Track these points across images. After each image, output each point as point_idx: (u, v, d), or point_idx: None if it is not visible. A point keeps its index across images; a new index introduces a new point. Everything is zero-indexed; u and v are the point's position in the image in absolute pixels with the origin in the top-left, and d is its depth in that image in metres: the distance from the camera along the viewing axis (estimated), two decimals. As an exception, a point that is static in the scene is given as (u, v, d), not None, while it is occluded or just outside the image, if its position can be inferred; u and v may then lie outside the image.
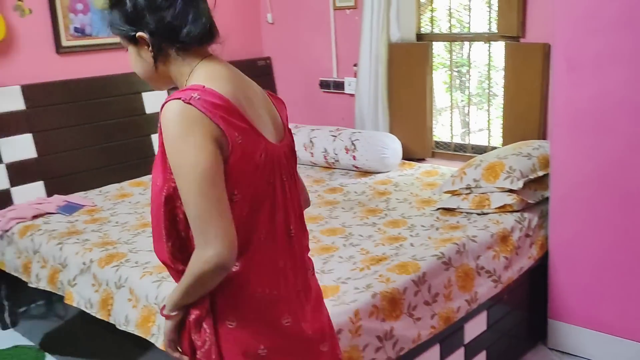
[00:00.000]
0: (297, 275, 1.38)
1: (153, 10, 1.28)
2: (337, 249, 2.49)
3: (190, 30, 1.29)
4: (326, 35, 4.09)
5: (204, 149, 1.17)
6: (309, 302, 1.41)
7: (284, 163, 1.34)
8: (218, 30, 1.36)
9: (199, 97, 1.20)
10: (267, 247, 1.30)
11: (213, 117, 1.19)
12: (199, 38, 1.31)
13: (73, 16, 3.50)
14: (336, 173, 3.63)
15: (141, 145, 3.76)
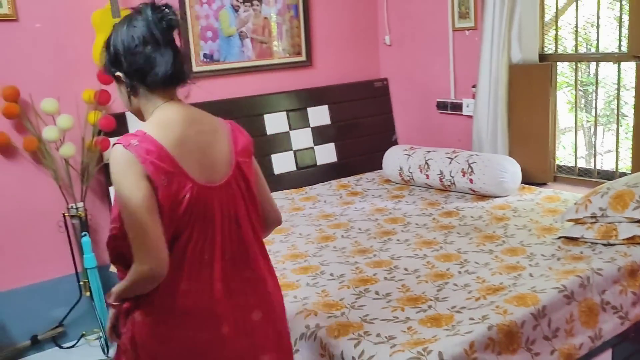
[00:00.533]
0: (232, 293, 1.59)
1: (128, 55, 1.54)
2: (452, 276, 2.45)
3: (156, 74, 1.54)
4: (444, 56, 4.06)
5: (136, 187, 1.45)
6: (247, 316, 1.62)
7: (220, 199, 1.56)
8: (187, 75, 1.62)
9: (136, 144, 1.47)
10: (193, 268, 1.54)
11: (143, 162, 1.46)
12: (162, 81, 1.55)
13: (203, 43, 3.74)
14: (452, 196, 3.57)
15: (261, 164, 3.86)
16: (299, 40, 4.14)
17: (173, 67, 1.55)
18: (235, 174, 1.61)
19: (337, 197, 3.74)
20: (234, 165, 1.62)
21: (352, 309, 2.22)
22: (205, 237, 1.55)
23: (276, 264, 2.69)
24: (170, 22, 1.55)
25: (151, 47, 1.53)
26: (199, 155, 1.55)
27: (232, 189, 1.60)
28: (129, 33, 1.55)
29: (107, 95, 3.27)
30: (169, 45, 1.55)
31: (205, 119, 1.64)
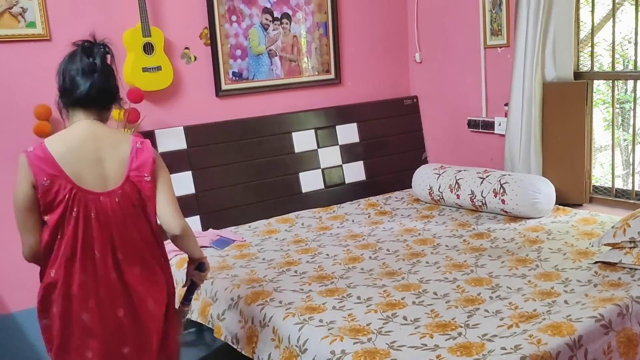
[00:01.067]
0: (98, 287, 1.88)
1: (61, 79, 1.91)
2: (483, 301, 2.37)
3: (74, 95, 1.88)
4: (475, 74, 4.00)
5: (21, 187, 1.82)
6: (111, 307, 1.90)
7: (104, 205, 1.86)
8: (105, 99, 1.93)
9: (31, 151, 1.83)
10: (67, 259, 1.85)
11: (30, 166, 1.81)
12: (78, 101, 1.88)
13: (232, 61, 3.75)
14: (483, 217, 3.49)
15: (289, 182, 3.90)
16: (328, 58, 4.12)
17: (89, 90, 1.87)
18: (125, 185, 1.90)
19: (365, 217, 3.69)
20: (125, 179, 1.90)
21: (379, 334, 2.16)
22: (81, 234, 1.85)
23: (302, 285, 2.66)
24: (93, 54, 1.90)
25: (78, 74, 1.87)
26: (92, 165, 1.87)
27: (120, 198, 1.89)
28: (67, 62, 1.91)
29: (137, 114, 3.29)
30: (93, 73, 1.88)
31: (109, 137, 1.92)
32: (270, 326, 2.38)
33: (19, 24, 3.09)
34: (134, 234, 1.92)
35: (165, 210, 1.97)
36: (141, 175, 1.92)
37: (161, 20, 3.46)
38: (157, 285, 2.00)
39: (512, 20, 3.67)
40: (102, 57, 1.92)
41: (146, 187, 1.93)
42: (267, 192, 3.81)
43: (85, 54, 1.90)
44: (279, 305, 2.47)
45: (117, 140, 1.94)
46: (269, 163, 3.83)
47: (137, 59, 3.30)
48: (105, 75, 1.91)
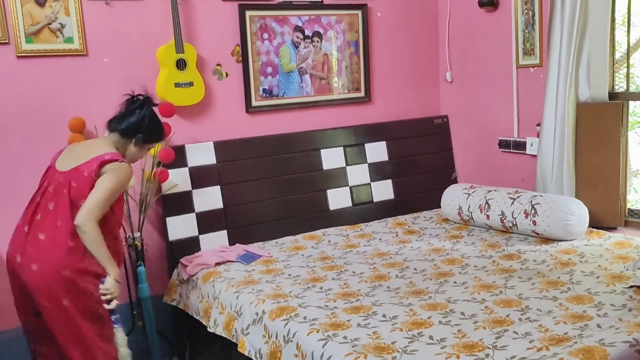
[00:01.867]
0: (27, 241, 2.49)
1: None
2: (512, 323, 2.31)
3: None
4: (507, 94, 3.95)
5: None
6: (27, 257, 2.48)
7: (56, 181, 2.51)
8: (121, 128, 2.64)
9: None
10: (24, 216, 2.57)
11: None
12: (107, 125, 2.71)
13: (263, 78, 3.78)
14: (514, 238, 3.42)
15: (317, 199, 3.89)
16: (358, 77, 4.13)
17: (116, 117, 2.68)
18: (72, 171, 2.49)
19: (393, 235, 3.65)
20: (72, 170, 2.49)
21: (404, 353, 2.12)
22: (36, 198, 2.54)
23: (327, 302, 2.63)
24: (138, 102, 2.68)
25: (122, 109, 2.68)
26: (72, 157, 2.54)
27: (64, 178, 2.49)
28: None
29: (168, 128, 3.32)
30: (128, 114, 2.65)
31: (98, 145, 2.58)
32: (294, 342, 2.36)
33: (57, 39, 3.18)
34: (57, 206, 2.47)
35: (83, 205, 2.42)
36: (83, 170, 2.46)
37: (194, 37, 3.52)
38: (46, 254, 2.43)
39: (545, 40, 3.63)
40: (135, 106, 2.66)
41: (79, 178, 2.46)
42: (295, 209, 3.81)
43: (133, 102, 2.68)
44: (303, 321, 2.45)
45: (100, 148, 2.53)
46: (297, 179, 3.83)
47: (170, 75, 3.36)
48: (135, 116, 2.62)
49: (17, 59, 3.10)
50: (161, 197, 3.41)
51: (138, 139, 2.64)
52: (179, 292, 3.30)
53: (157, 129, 2.72)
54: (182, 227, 3.45)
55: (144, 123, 2.63)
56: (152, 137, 2.70)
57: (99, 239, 2.43)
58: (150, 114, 2.66)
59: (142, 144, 2.67)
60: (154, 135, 2.71)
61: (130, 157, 2.68)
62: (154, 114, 2.70)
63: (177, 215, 3.45)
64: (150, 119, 2.66)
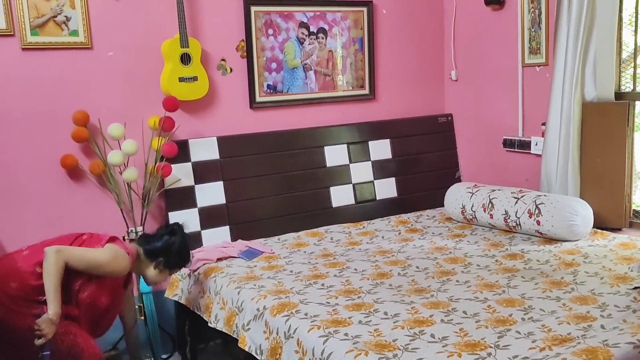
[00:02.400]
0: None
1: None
2: (515, 322, 2.30)
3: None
4: (512, 93, 3.94)
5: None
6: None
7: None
8: (139, 240, 2.82)
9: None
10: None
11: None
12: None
13: (267, 74, 3.77)
14: (517, 238, 3.40)
15: (320, 196, 3.88)
16: (362, 74, 4.11)
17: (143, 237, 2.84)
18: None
19: (395, 233, 3.64)
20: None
21: (406, 351, 2.11)
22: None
23: (328, 298, 2.62)
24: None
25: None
26: None
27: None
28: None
29: (172, 123, 3.32)
30: (157, 237, 2.79)
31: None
32: (294, 338, 2.35)
33: (62, 32, 3.17)
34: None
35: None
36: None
37: (199, 31, 3.51)
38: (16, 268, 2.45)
39: (551, 39, 3.61)
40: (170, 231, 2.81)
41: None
42: (298, 206, 3.80)
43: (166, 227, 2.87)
44: (304, 317, 2.44)
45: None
46: (301, 176, 3.82)
47: (174, 69, 3.35)
48: (162, 242, 2.75)
49: (22, 51, 3.09)
50: (164, 192, 3.41)
51: (159, 263, 2.72)
52: (180, 287, 3.29)
53: (181, 256, 2.78)
54: (185, 222, 3.43)
55: (168, 249, 2.72)
56: (174, 263, 2.76)
57: (55, 272, 2.37)
58: (179, 242, 2.75)
59: (163, 268, 2.74)
60: (176, 262, 2.78)
61: (149, 277, 2.75)
62: (184, 243, 2.78)
63: (180, 210, 3.44)
64: (178, 246, 2.74)
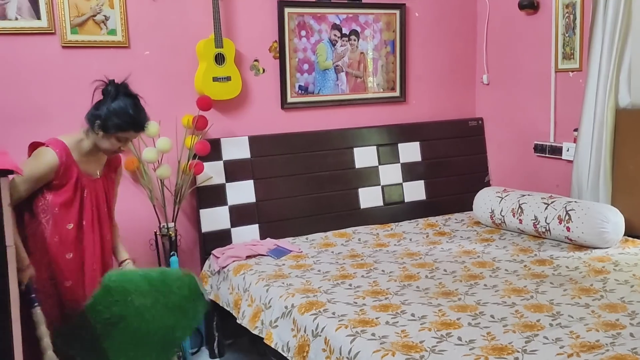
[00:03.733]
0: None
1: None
2: (543, 328, 2.30)
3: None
4: (545, 98, 3.91)
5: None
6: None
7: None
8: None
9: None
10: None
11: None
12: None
13: (299, 75, 3.81)
14: (546, 244, 3.39)
15: (348, 197, 3.91)
16: (393, 76, 4.13)
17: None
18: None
19: (423, 236, 3.64)
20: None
21: (432, 352, 2.12)
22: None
23: (356, 298, 2.64)
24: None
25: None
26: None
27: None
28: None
29: (205, 121, 3.38)
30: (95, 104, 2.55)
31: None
32: (322, 336, 2.38)
33: (101, 30, 3.26)
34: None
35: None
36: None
37: (233, 32, 3.57)
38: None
39: (585, 44, 3.58)
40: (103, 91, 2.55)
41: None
42: (326, 206, 3.83)
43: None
44: (332, 316, 2.47)
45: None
46: (330, 177, 3.86)
47: (209, 69, 3.41)
48: (96, 105, 2.52)
49: (62, 49, 3.19)
50: (196, 189, 3.47)
51: (98, 126, 2.46)
52: (210, 283, 3.35)
53: (115, 113, 2.45)
54: (215, 220, 3.50)
55: (100, 109, 2.46)
56: (110, 122, 2.44)
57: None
58: (110, 100, 2.46)
59: (104, 131, 2.46)
60: (111, 120, 2.44)
61: (100, 147, 2.51)
62: (120, 101, 2.47)
63: (211, 207, 3.50)
64: (110, 104, 2.46)
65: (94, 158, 2.57)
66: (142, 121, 2.54)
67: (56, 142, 2.46)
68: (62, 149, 2.45)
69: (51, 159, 2.42)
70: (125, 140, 2.53)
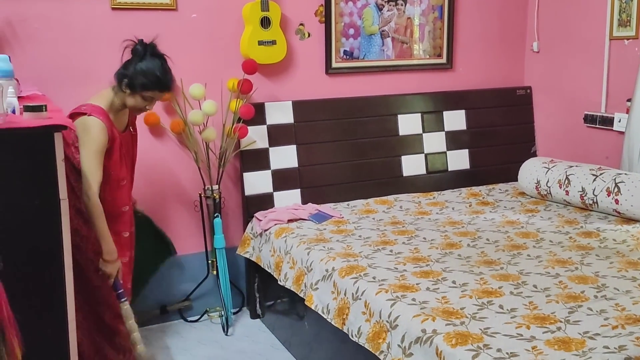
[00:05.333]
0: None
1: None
2: (587, 299, 2.27)
3: None
4: (597, 67, 3.78)
5: None
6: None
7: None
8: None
9: None
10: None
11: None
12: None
13: (344, 40, 3.77)
14: (593, 216, 3.31)
15: (391, 165, 3.88)
16: (440, 42, 4.05)
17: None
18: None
19: (466, 205, 3.61)
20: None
21: (473, 319, 2.12)
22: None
23: (397, 264, 2.65)
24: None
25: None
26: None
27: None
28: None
29: (250, 85, 3.40)
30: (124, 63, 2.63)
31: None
32: (362, 300, 2.40)
33: (149, -7, 3.28)
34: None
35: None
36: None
37: (279, -5, 3.55)
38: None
39: (644, 11, 3.43)
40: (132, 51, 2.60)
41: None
42: (368, 173, 3.82)
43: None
44: (372, 280, 2.48)
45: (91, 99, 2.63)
46: (373, 144, 3.84)
47: (254, 32, 3.40)
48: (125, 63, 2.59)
49: (112, 11, 3.23)
50: (239, 153, 3.50)
51: (125, 86, 2.52)
52: (252, 245, 3.41)
53: (143, 73, 2.51)
54: (258, 183, 3.54)
55: (129, 68, 2.53)
56: (138, 82, 2.51)
57: (94, 213, 2.43)
58: (138, 60, 2.54)
59: (131, 90, 2.52)
60: (140, 80, 2.51)
61: (128, 106, 2.59)
62: (147, 61, 2.54)
63: (254, 171, 3.54)
64: (139, 63, 2.53)
65: (122, 114, 2.66)
66: (168, 82, 2.60)
67: (95, 109, 2.50)
68: (103, 114, 2.51)
69: (101, 127, 2.47)
70: (150, 99, 2.59)
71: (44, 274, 1.84)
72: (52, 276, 1.84)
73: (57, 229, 1.83)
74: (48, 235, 1.83)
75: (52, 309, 1.86)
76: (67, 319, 1.87)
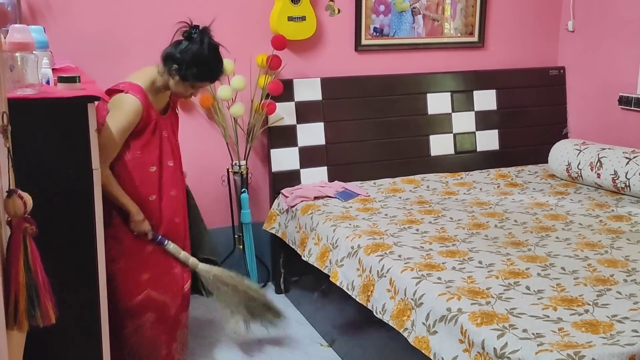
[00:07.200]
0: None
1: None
2: (616, 283, 2.24)
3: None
4: (634, 48, 3.68)
5: None
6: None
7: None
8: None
9: None
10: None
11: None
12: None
13: (375, 17, 3.73)
14: (625, 200, 3.26)
15: (419, 144, 3.86)
16: (472, 20, 3.98)
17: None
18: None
19: (494, 186, 3.58)
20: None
21: (499, 299, 2.12)
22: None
23: (423, 243, 2.65)
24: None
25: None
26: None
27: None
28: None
29: (279, 61, 3.39)
30: (175, 43, 2.51)
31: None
32: (387, 277, 2.41)
33: (179, -33, 3.27)
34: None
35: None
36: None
37: (310, -29, 3.51)
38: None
39: (686, -11, 3.33)
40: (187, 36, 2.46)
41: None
42: (396, 152, 3.80)
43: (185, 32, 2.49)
44: (397, 258, 2.49)
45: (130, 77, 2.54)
46: (401, 122, 3.81)
47: (284, 8, 3.39)
48: (177, 46, 2.45)
49: (143, -15, 3.23)
50: (267, 129, 3.51)
51: (172, 70, 2.42)
52: (278, 221, 3.43)
53: (197, 65, 2.40)
54: (285, 160, 3.55)
55: (181, 55, 2.39)
56: (190, 72, 2.41)
57: (108, 185, 2.34)
58: (195, 48, 2.40)
59: (179, 78, 2.43)
60: (192, 71, 2.40)
61: (172, 90, 2.51)
62: (202, 51, 2.40)
63: (281, 147, 3.54)
64: (194, 52, 2.39)
65: (163, 95, 2.58)
66: (220, 74, 2.54)
67: (134, 87, 2.41)
68: (141, 93, 2.42)
69: (136, 106, 2.39)
70: (198, 88, 2.54)
71: (76, 242, 1.88)
72: (83, 244, 1.88)
73: (89, 198, 1.86)
74: (81, 204, 1.86)
75: (84, 275, 1.90)
76: (98, 286, 1.91)
